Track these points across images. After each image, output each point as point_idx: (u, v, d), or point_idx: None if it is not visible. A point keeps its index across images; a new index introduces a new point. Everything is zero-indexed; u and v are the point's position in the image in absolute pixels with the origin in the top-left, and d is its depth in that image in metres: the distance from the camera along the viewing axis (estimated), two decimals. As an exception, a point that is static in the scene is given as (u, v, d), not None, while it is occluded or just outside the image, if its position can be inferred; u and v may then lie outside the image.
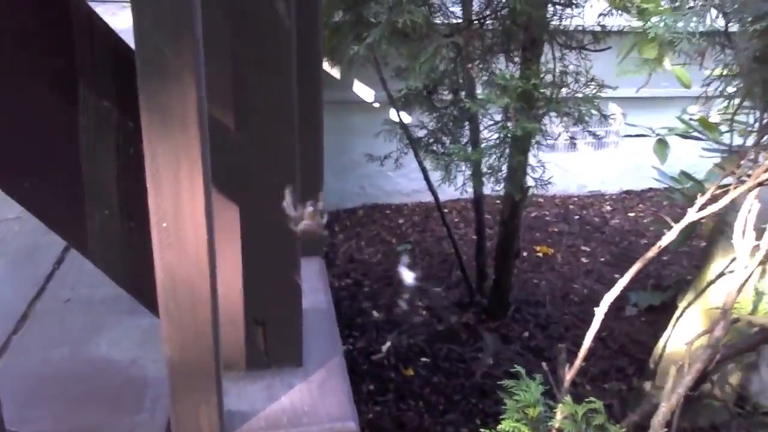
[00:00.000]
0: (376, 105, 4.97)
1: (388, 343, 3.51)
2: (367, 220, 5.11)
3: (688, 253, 4.46)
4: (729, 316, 1.68)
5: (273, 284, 1.24)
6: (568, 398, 1.64)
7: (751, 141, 2.18)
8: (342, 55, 2.55)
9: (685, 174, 3.88)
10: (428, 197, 5.19)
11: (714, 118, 3.81)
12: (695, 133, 3.67)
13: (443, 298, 4.00)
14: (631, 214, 5.59)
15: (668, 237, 1.86)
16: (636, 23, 2.59)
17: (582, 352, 1.95)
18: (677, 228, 1.84)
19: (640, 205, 5.81)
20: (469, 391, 3.22)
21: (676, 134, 3.68)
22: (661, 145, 3.92)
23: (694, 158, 4.15)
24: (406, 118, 3.38)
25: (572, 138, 2.80)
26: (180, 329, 0.95)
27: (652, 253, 1.88)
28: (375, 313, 3.80)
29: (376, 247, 4.65)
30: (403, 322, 3.73)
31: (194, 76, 0.81)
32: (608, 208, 5.73)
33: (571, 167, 5.62)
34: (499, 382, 1.96)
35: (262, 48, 1.06)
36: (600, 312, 1.92)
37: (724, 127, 3.71)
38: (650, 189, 6.12)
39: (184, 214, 0.88)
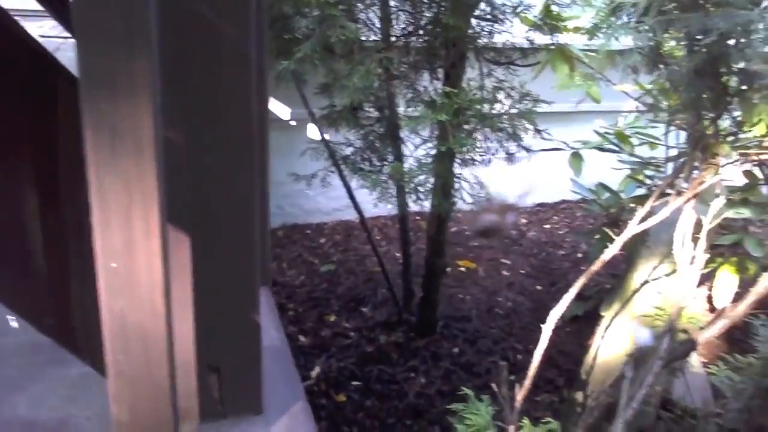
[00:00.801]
0: (293, 123, 4.86)
1: (317, 369, 3.39)
2: (288, 241, 4.97)
3: (606, 262, 4.60)
4: (675, 327, 1.69)
5: (228, 326, 1.12)
6: (526, 421, 1.59)
7: (659, 152, 2.27)
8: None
9: (602, 185, 4.00)
10: (349, 215, 5.12)
11: (625, 131, 3.95)
12: (610, 146, 3.80)
13: (371, 318, 3.92)
14: (547, 226, 5.74)
15: (611, 250, 1.86)
16: (563, 39, 2.65)
17: (531, 371, 1.91)
18: (619, 241, 1.85)
19: (555, 217, 5.98)
20: (403, 412, 3.15)
21: (593, 147, 3.79)
22: (576, 157, 4.02)
23: (605, 170, 4.30)
24: (329, 136, 3.30)
25: (508, 153, 2.81)
26: (132, 385, 0.82)
27: (595, 267, 1.88)
28: (301, 338, 3.67)
29: (299, 269, 4.52)
30: (331, 346, 3.62)
31: (148, 91, 0.70)
32: (524, 220, 5.86)
33: (485, 180, 5.70)
34: (449, 407, 1.90)
35: (216, 67, 0.95)
36: (547, 329, 1.90)
37: (635, 140, 3.87)
38: (563, 201, 6.32)
39: (138, 254, 0.76)
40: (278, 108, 4.80)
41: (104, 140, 0.70)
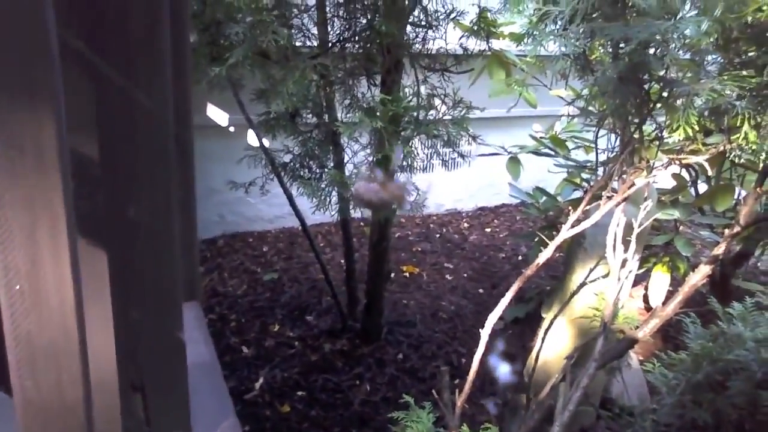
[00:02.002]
0: (232, 129, 4.79)
1: (261, 380, 3.34)
2: (229, 250, 4.89)
3: (546, 264, 4.70)
4: (609, 328, 1.73)
5: (151, 343, 1.08)
6: (465, 428, 1.60)
7: (594, 156, 2.33)
8: (198, 78, 2.40)
9: (539, 189, 4.07)
10: (291, 222, 5.08)
11: (561, 135, 4.04)
12: (546, 150, 3.88)
13: (315, 326, 3.89)
14: (488, 230, 5.82)
15: (546, 253, 1.89)
16: (494, 46, 2.69)
17: (471, 376, 1.92)
18: (553, 244, 1.88)
19: (495, 221, 6.07)
20: (349, 421, 3.13)
21: (530, 151, 3.86)
22: (514, 162, 4.10)
23: (542, 174, 4.39)
24: (267, 142, 3.26)
25: (443, 159, 2.83)
26: (42, 414, 0.77)
27: (531, 270, 1.90)
28: (244, 349, 3.61)
29: (241, 278, 4.45)
30: (275, 356, 3.57)
31: (51, 100, 0.66)
32: (466, 225, 5.93)
33: (427, 187, 5.74)
34: (391, 415, 1.89)
35: (128, 75, 0.92)
36: (485, 333, 1.92)
37: (570, 144, 3.97)
38: (503, 205, 6.43)
39: (45, 273, 0.72)
40: (216, 114, 4.73)
41: (2, 153, 0.66)
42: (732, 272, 4.11)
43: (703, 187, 4.07)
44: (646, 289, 4.09)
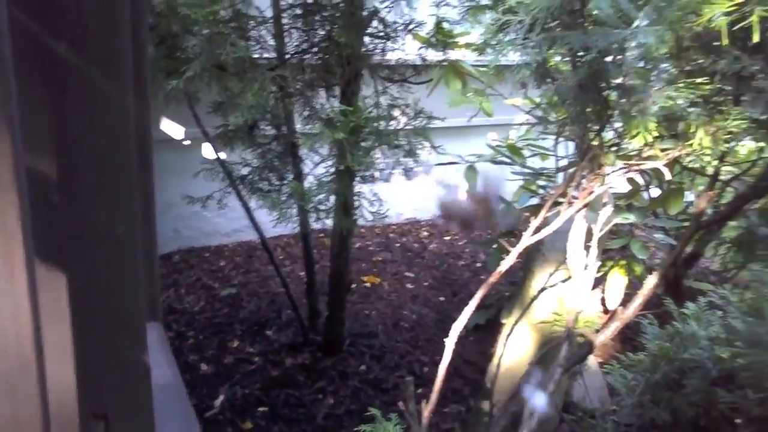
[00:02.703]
0: (187, 142, 4.70)
1: (221, 397, 3.27)
2: (185, 266, 4.79)
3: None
4: (573, 334, 1.74)
5: (114, 368, 1.03)
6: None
7: (551, 163, 2.37)
8: (154, 91, 2.34)
9: (498, 197, 4.11)
10: (250, 236, 5.00)
11: (517, 143, 4.10)
12: (503, 158, 3.92)
13: (275, 341, 3.83)
14: (447, 238, 5.84)
15: (508, 261, 1.90)
16: (450, 56, 2.71)
17: (437, 386, 1.91)
18: (515, 252, 1.89)
19: (454, 229, 6.11)
20: (313, 435, 3.09)
21: (487, 160, 3.90)
22: (471, 170, 4.13)
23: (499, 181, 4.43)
24: (225, 155, 3.21)
25: (405, 169, 2.83)
26: (-1, 447, 0.73)
27: (494, 278, 1.91)
28: (203, 366, 3.53)
29: (198, 294, 4.36)
30: (235, 372, 3.50)
31: (5, 115, 0.63)
32: (425, 233, 5.94)
33: (387, 196, 5.76)
34: (356, 429, 1.87)
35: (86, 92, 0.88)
36: (450, 343, 1.91)
37: (527, 152, 4.02)
38: (462, 212, 6.48)
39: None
40: (171, 127, 4.64)
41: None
42: (684, 273, 4.22)
43: (655, 191, 4.17)
44: (603, 291, 4.16)
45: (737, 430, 2.48)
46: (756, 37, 1.21)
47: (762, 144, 2.60)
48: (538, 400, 1.73)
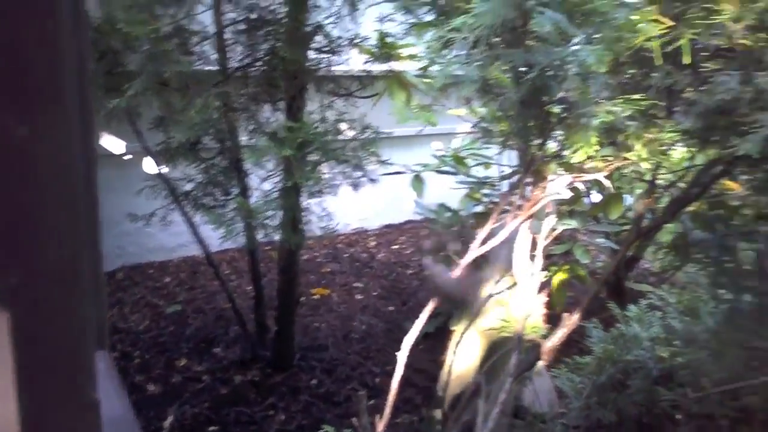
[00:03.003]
0: (129, 158, 4.59)
1: (170, 418, 3.19)
2: (129, 283, 4.67)
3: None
4: (522, 342, 1.78)
5: (61, 407, 0.99)
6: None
7: (494, 172, 2.43)
8: (95, 108, 2.28)
9: (443, 205, 4.16)
10: (195, 250, 4.90)
11: (461, 153, 4.16)
12: (448, 168, 3.98)
13: (224, 358, 3.77)
14: (395, 247, 5.88)
15: (455, 273, 1.93)
16: (394, 67, 2.73)
17: (390, 398, 1.92)
18: (464, 262, 1.92)
19: (401, 238, 6.14)
20: (266, 453, 3.05)
21: (432, 169, 3.94)
22: (418, 180, 4.18)
23: (442, 190, 4.49)
24: (168, 171, 3.14)
25: (353, 182, 2.84)
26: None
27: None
28: (150, 387, 3.44)
29: (143, 312, 4.25)
30: (183, 392, 3.42)
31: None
32: (373, 243, 5.96)
33: (333, 207, 5.76)
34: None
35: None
36: (402, 355, 1.92)
37: (470, 161, 4.09)
38: (408, 221, 6.52)
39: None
40: (111, 142, 4.52)
41: None
42: (626, 275, 4.35)
43: (596, 196, 4.30)
44: (547, 296, 4.25)
45: (678, 427, 2.57)
46: (687, 59, 1.27)
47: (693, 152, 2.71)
48: (492, 410, 1.75)
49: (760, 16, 1.10)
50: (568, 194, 3.77)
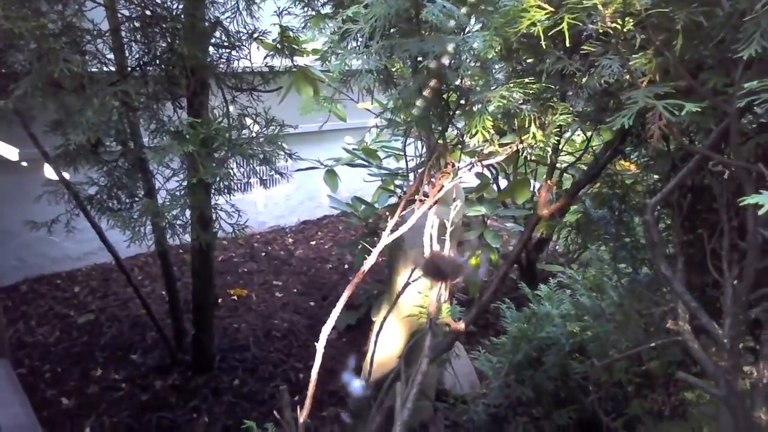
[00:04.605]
0: (25, 164, 4.37)
1: (87, 430, 3.08)
2: (34, 296, 4.45)
3: (371, 269, 4.85)
4: (435, 324, 1.82)
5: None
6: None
7: (405, 163, 2.48)
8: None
9: (357, 198, 4.19)
10: (103, 258, 4.74)
11: (372, 145, 4.20)
12: (360, 161, 4.01)
13: (142, 364, 3.66)
14: (313, 243, 5.87)
15: (370, 260, 1.96)
16: (299, 62, 2.72)
17: (310, 389, 1.94)
18: (376, 251, 1.95)
19: (319, 233, 6.14)
20: (189, 457, 3.00)
21: (344, 163, 3.96)
22: (331, 174, 4.19)
23: (358, 183, 4.53)
24: (68, 175, 3.02)
25: (259, 177, 2.81)
26: None
27: (357, 278, 1.96)
28: (65, 401, 3.31)
29: (52, 324, 4.07)
30: (101, 402, 3.31)
31: None
32: (290, 240, 5.93)
33: (248, 206, 5.68)
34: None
35: None
36: (320, 347, 1.94)
37: (382, 153, 4.13)
38: (325, 216, 6.52)
39: None
40: (4, 149, 4.29)
41: None
42: (536, 257, 4.53)
43: (503, 183, 4.44)
44: (464, 282, 4.36)
45: (588, 396, 2.71)
46: (567, 42, 1.34)
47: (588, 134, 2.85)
48: (410, 392, 1.80)
49: (624, 1, 1.17)
50: (475, 180, 3.88)
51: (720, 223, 1.66)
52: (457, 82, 1.69)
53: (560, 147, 3.32)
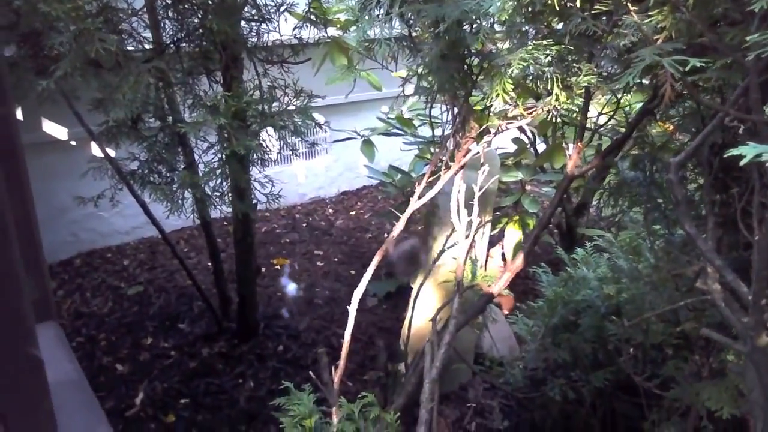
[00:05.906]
0: (73, 143, 4.54)
1: (141, 395, 3.25)
2: (88, 269, 4.65)
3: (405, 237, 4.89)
4: (463, 287, 1.86)
5: (4, 365, 1.04)
6: (342, 399, 1.67)
7: (440, 131, 2.49)
8: (24, 93, 2.27)
9: (393, 168, 4.22)
10: (150, 232, 4.91)
11: (406, 114, 4.22)
12: (395, 130, 4.03)
13: (190, 333, 3.81)
14: (353, 213, 5.94)
15: (398, 227, 2.00)
16: (331, 33, 2.75)
17: (344, 351, 2.01)
18: (404, 218, 1.99)
19: (359, 203, 6.20)
20: (237, 419, 3.13)
21: (380, 133, 3.99)
22: (368, 144, 4.22)
23: (396, 152, 4.55)
24: (112, 152, 3.13)
25: (293, 150, 2.86)
26: None
27: (387, 244, 2.00)
28: (119, 367, 3.48)
29: (105, 296, 4.26)
30: (152, 369, 3.47)
31: None
32: (331, 211, 6.01)
33: (289, 178, 5.78)
34: (273, 402, 1.93)
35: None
36: (352, 310, 2.00)
37: (417, 122, 4.14)
38: (364, 187, 6.58)
39: None
40: (53, 128, 4.46)
41: None
42: (576, 222, 4.49)
43: (542, 147, 4.40)
44: (503, 247, 4.37)
45: (623, 357, 2.71)
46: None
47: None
48: (438, 352, 1.84)
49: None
50: (508, 145, 3.86)
51: (751, 180, 1.64)
52: (479, 47, 1.70)
53: (600, 110, 3.28)
